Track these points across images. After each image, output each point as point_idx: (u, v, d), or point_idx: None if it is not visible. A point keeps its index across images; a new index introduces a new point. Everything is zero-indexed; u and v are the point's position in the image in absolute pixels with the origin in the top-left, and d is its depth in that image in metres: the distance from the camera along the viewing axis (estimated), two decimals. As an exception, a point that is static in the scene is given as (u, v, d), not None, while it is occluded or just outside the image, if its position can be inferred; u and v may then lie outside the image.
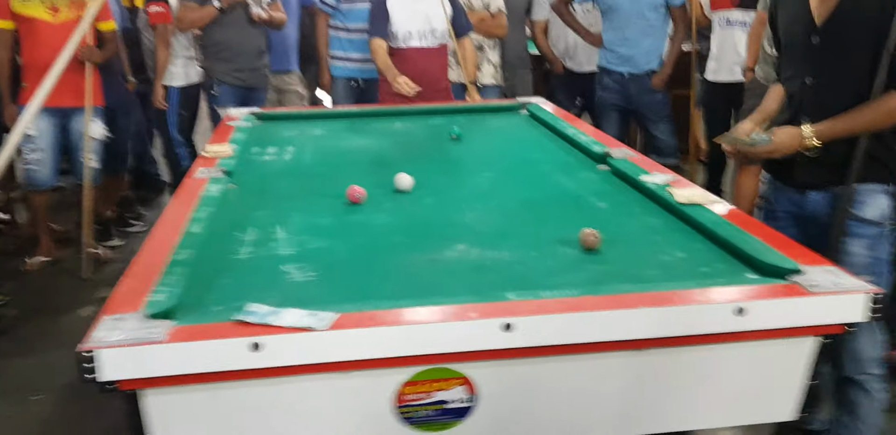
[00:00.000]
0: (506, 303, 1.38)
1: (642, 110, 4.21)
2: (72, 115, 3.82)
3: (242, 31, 4.16)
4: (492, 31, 4.29)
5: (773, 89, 2.22)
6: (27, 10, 3.60)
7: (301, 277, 1.63)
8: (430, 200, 2.17)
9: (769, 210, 2.15)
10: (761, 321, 1.38)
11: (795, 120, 2.00)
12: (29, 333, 3.22)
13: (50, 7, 3.63)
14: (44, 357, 3.03)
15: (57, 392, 2.76)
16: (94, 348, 1.24)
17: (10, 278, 3.81)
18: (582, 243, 1.74)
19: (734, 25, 4.10)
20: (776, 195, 2.12)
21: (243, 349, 1.27)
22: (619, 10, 4.07)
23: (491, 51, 4.37)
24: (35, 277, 3.85)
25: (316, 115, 3.47)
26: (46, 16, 3.62)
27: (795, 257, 1.54)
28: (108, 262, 4.03)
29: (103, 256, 4.05)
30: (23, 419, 2.62)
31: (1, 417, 2.62)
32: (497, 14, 4.28)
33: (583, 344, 1.35)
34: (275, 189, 2.32)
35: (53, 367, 2.91)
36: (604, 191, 2.19)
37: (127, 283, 1.52)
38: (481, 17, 4.23)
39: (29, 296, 3.62)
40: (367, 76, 4.36)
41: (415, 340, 1.31)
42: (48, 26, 3.63)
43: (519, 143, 2.91)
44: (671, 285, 1.46)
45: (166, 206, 2.15)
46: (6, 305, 3.47)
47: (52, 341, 3.15)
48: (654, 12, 4.06)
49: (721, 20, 4.16)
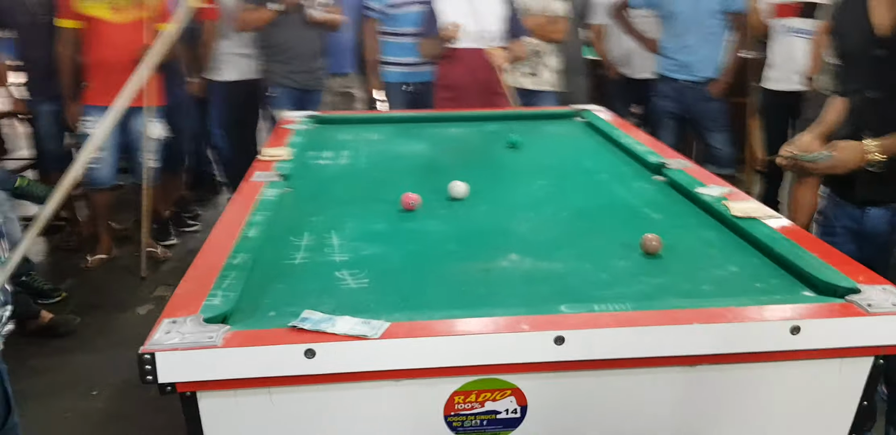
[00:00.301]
0: (558, 316, 1.38)
1: (699, 119, 4.16)
2: (131, 114, 3.87)
3: (299, 34, 4.21)
4: (550, 36, 4.23)
5: (835, 101, 2.17)
6: (90, 10, 3.68)
7: (355, 283, 1.65)
8: (483, 208, 2.18)
9: (827, 225, 2.11)
10: (816, 340, 1.36)
11: (857, 134, 1.95)
12: (88, 330, 3.32)
13: (112, 6, 3.71)
14: (102, 354, 3.11)
15: (114, 388, 2.84)
16: (154, 351, 1.28)
17: (71, 275, 3.93)
18: (643, 248, 1.75)
19: (794, 34, 4.02)
20: (835, 211, 2.08)
21: (298, 355, 1.30)
22: (678, 17, 4.03)
23: (549, 56, 4.31)
24: (94, 275, 3.96)
25: (372, 119, 3.51)
26: (109, 15, 3.70)
27: (853, 275, 1.51)
28: (165, 260, 4.14)
29: (161, 254, 4.15)
30: (82, 414, 2.70)
31: (61, 411, 2.71)
32: (557, 19, 4.22)
33: (635, 359, 1.35)
34: (330, 193, 2.35)
35: (111, 363, 3.00)
36: (659, 202, 2.17)
37: (185, 286, 1.56)
38: (540, 21, 4.18)
39: (88, 293, 3.73)
40: (419, 80, 4.40)
41: (466, 350, 1.32)
42: (110, 26, 3.71)
43: (574, 151, 2.90)
44: (725, 301, 1.44)
45: (224, 207, 2.19)
46: (65, 301, 3.59)
47: (109, 338, 3.24)
48: (714, 19, 4.01)
49: (781, 28, 4.08)
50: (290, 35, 4.21)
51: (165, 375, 1.29)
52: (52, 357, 3.09)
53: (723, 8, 3.99)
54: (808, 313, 1.38)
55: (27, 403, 2.67)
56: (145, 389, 1.35)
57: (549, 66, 4.32)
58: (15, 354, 3.02)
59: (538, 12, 4.20)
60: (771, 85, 4.19)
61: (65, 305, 3.55)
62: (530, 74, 4.26)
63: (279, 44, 4.23)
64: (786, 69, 4.09)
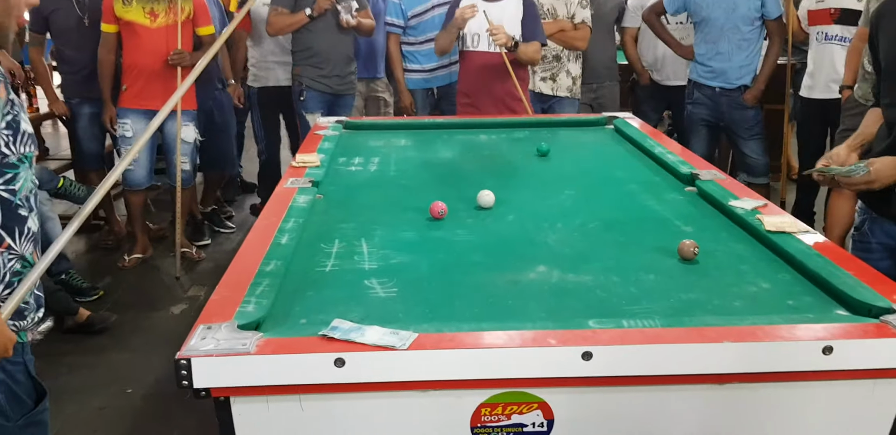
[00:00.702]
0: (586, 331, 1.38)
1: (733, 127, 4.12)
2: (166, 118, 3.92)
3: (331, 38, 4.25)
4: (572, 42, 4.19)
5: (872, 112, 2.15)
6: (128, 15, 3.76)
7: (383, 292, 1.67)
8: (511, 218, 2.18)
9: (863, 241, 2.08)
10: (849, 361, 1.34)
11: (894, 149, 1.93)
12: (123, 329, 3.38)
13: (149, 12, 3.78)
14: (136, 352, 3.17)
15: (148, 386, 2.89)
16: (190, 357, 1.30)
17: (107, 274, 4.01)
18: (680, 253, 1.80)
19: (832, 41, 3.97)
20: (871, 226, 2.05)
21: (328, 364, 1.32)
22: (713, 23, 4.00)
23: (570, 62, 4.27)
24: (130, 274, 4.03)
25: (401, 125, 3.53)
26: (145, 20, 3.78)
27: (887, 294, 1.50)
28: (200, 261, 4.20)
29: (195, 255, 4.21)
30: (116, 412, 2.75)
31: (96, 409, 2.77)
32: (580, 25, 4.15)
33: (663, 375, 1.35)
34: (360, 201, 2.37)
35: (145, 362, 3.05)
36: (690, 214, 2.16)
37: (221, 292, 1.58)
38: (563, 27, 4.16)
39: (124, 292, 3.80)
40: (440, 84, 4.44)
41: (493, 364, 1.33)
42: (147, 30, 3.79)
43: (604, 159, 2.90)
44: (756, 319, 1.43)
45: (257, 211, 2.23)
46: (102, 299, 3.66)
47: (144, 337, 3.30)
48: (750, 26, 3.97)
49: (819, 35, 4.03)
50: (323, 40, 4.25)
51: (201, 381, 1.31)
52: (88, 355, 3.15)
53: (759, 15, 3.95)
54: (840, 334, 1.36)
55: (63, 399, 2.74)
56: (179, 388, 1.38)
57: (570, 72, 4.28)
58: (52, 351, 3.12)
59: (563, 18, 4.18)
60: (807, 93, 4.14)
61: (102, 304, 3.62)
62: (549, 79, 4.25)
63: (311, 48, 4.27)
64: (823, 77, 4.03)
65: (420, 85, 4.50)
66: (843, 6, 3.89)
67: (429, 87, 4.50)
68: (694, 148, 4.22)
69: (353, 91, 4.52)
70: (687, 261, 1.81)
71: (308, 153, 2.74)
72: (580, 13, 4.17)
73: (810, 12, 4.05)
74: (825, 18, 3.98)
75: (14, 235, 1.43)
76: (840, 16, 3.91)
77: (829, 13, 3.96)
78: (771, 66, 4.06)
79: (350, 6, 4.19)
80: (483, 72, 3.61)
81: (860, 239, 2.10)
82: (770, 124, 4.64)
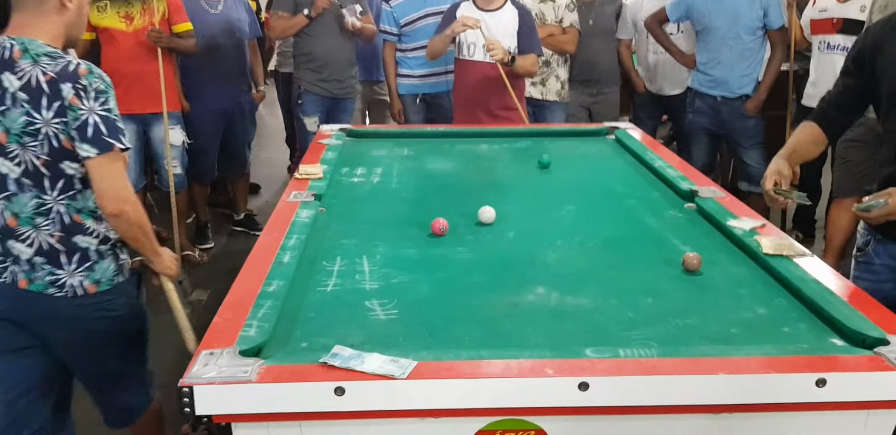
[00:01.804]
0: (584, 360, 1.40)
1: (734, 136, 4.13)
2: (151, 121, 3.89)
3: (331, 43, 4.25)
4: (561, 46, 4.21)
5: (806, 127, 2.19)
6: (104, 21, 3.73)
7: (384, 315, 1.68)
8: (511, 235, 2.20)
9: (867, 262, 2.08)
10: (842, 393, 1.36)
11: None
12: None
13: (124, 16, 3.76)
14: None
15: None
16: (192, 385, 1.32)
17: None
18: (684, 265, 1.87)
19: (834, 51, 3.96)
20: (876, 247, 2.04)
21: (328, 392, 1.34)
22: (715, 32, 4.00)
23: (559, 67, 4.29)
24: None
25: (404, 133, 3.54)
26: (121, 25, 3.75)
27: (883, 324, 1.51)
28: (202, 264, 4.21)
29: (197, 258, 4.23)
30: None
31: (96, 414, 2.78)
32: (568, 29, 4.19)
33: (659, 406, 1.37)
34: (362, 215, 2.38)
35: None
36: (688, 233, 2.17)
37: (223, 314, 1.60)
38: (552, 31, 4.17)
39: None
40: (429, 91, 4.44)
41: (490, 393, 1.35)
42: (123, 34, 3.75)
43: (604, 172, 2.91)
44: (751, 349, 1.45)
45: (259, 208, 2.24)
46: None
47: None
48: (751, 35, 3.98)
49: (821, 44, 4.03)
50: (323, 44, 4.25)
51: (202, 408, 1.34)
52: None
53: (761, 25, 3.96)
54: (834, 366, 1.38)
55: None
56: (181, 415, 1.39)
57: (559, 76, 4.28)
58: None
59: (552, 22, 4.19)
60: (809, 102, 4.14)
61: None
62: (539, 84, 4.26)
63: (311, 52, 4.28)
64: (824, 86, 4.01)
65: (409, 90, 4.48)
66: (846, 16, 3.89)
67: (417, 92, 4.47)
68: (695, 156, 4.25)
69: (354, 96, 4.53)
70: (691, 272, 1.86)
71: (311, 164, 2.76)
72: (568, 17, 4.19)
73: (813, 21, 4.05)
74: (828, 28, 3.97)
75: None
76: (843, 26, 3.90)
77: (832, 23, 3.96)
78: (773, 75, 4.06)
79: (354, 9, 4.19)
80: (478, 81, 3.62)
81: (864, 260, 2.09)
82: (771, 130, 4.66)
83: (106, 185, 1.77)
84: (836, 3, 3.95)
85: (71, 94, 1.73)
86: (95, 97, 1.76)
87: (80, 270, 1.88)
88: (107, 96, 1.79)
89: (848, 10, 3.89)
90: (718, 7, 3.96)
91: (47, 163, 1.78)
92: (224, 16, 4.13)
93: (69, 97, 1.73)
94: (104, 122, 1.76)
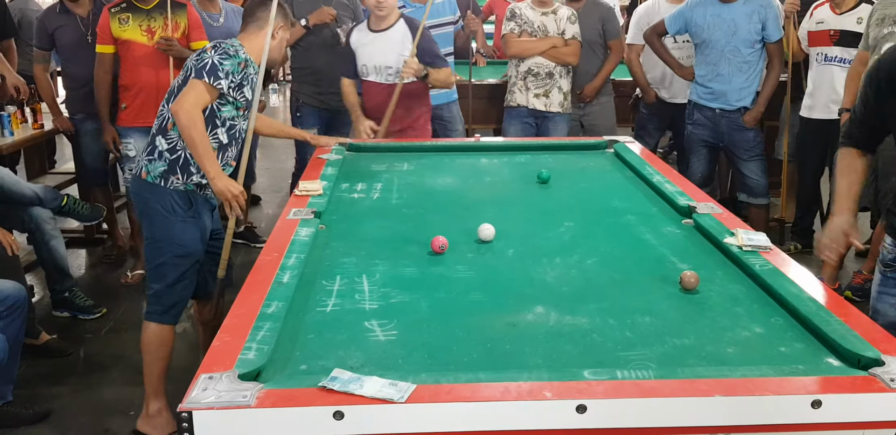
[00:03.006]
0: (581, 383, 1.41)
1: (733, 148, 4.14)
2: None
3: (329, 57, 4.26)
4: (564, 58, 4.23)
5: (848, 157, 2.17)
6: (125, 34, 3.77)
7: (383, 336, 1.70)
8: (511, 253, 2.21)
9: (894, 278, 2.11)
10: (837, 414, 1.37)
11: None
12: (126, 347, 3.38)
13: (146, 30, 3.80)
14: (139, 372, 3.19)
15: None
16: (191, 410, 1.33)
17: (109, 290, 4.03)
18: (681, 284, 1.89)
19: (832, 62, 3.99)
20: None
21: (327, 417, 1.35)
22: (713, 45, 4.01)
23: (561, 78, 4.29)
24: (132, 290, 4.05)
25: (403, 147, 3.55)
26: (143, 38, 3.77)
27: (879, 344, 1.52)
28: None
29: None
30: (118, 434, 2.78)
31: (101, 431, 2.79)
32: (570, 41, 4.21)
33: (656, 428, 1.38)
34: (362, 232, 2.40)
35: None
36: (686, 250, 2.19)
37: (222, 337, 1.61)
38: (554, 43, 4.19)
39: (127, 309, 3.82)
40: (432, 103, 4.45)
41: (489, 416, 1.36)
42: (144, 48, 3.78)
43: (603, 187, 2.92)
44: (747, 370, 1.46)
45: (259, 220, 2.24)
46: (104, 315, 3.68)
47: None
48: (750, 48, 3.99)
49: (818, 56, 4.05)
50: (321, 58, 4.27)
51: (202, 433, 1.34)
52: (91, 376, 3.18)
53: (759, 38, 3.97)
54: (829, 387, 1.39)
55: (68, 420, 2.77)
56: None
57: (561, 88, 4.30)
58: (56, 371, 3.14)
59: (554, 34, 4.21)
60: (808, 113, 4.16)
61: (104, 321, 3.65)
62: (542, 96, 4.28)
63: (309, 67, 4.30)
64: (823, 98, 4.06)
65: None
66: (844, 28, 3.91)
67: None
68: (694, 168, 4.26)
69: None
70: (688, 291, 1.88)
71: (311, 180, 2.77)
72: (570, 29, 4.22)
73: (810, 33, 4.07)
74: (825, 40, 4.00)
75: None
76: (840, 38, 3.93)
77: (829, 35, 3.98)
78: (771, 88, 4.08)
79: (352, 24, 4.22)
80: (371, 99, 3.76)
81: (891, 275, 2.11)
82: (770, 140, 4.67)
83: (183, 97, 2.44)
84: (833, 15, 3.98)
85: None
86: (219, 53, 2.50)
87: (147, 158, 2.58)
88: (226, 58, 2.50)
89: (845, 22, 3.91)
90: (717, 21, 3.98)
91: (180, 85, 2.52)
92: (226, 28, 4.15)
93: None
94: (211, 67, 2.46)
